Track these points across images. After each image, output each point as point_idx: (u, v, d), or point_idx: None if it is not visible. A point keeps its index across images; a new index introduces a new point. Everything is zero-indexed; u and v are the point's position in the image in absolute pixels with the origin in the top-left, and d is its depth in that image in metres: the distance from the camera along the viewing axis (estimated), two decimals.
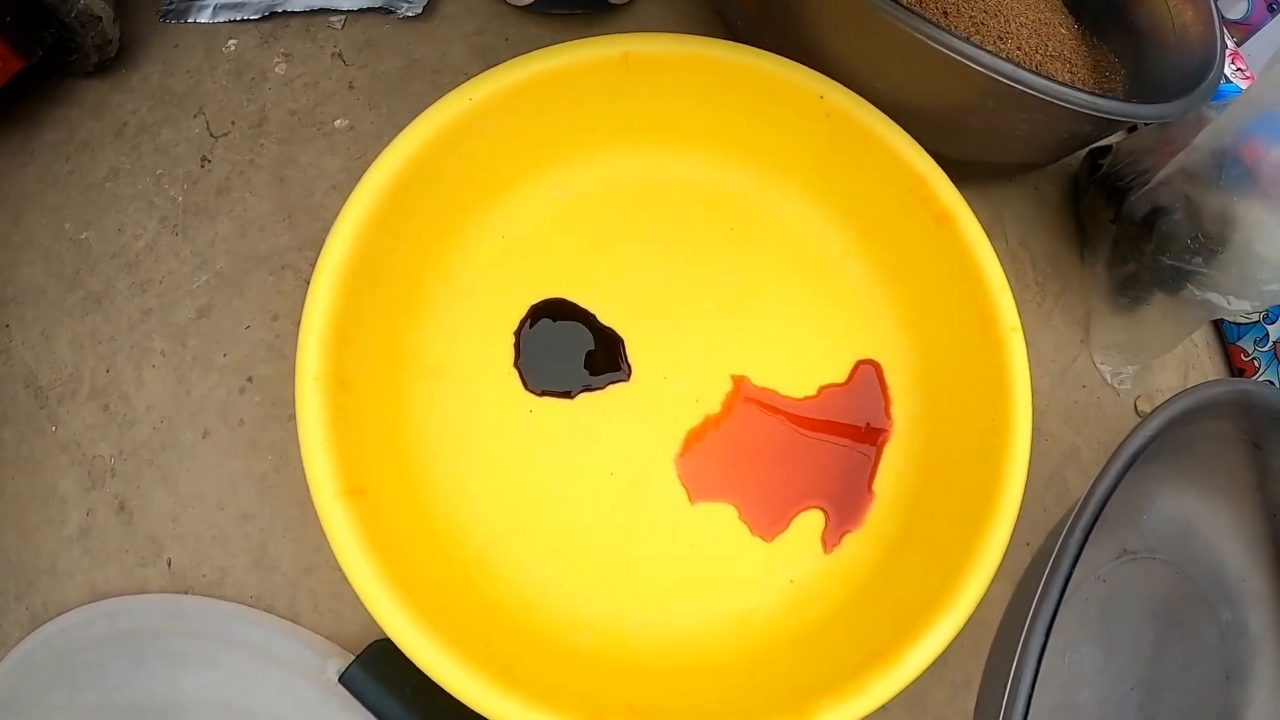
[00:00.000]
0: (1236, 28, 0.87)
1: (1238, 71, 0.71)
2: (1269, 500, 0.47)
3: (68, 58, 0.50)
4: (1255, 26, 0.86)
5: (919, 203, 0.43)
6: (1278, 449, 0.45)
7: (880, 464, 0.44)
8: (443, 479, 0.41)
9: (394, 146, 0.40)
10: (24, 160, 0.51)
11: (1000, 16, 0.52)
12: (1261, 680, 0.47)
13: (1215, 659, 0.47)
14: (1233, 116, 0.46)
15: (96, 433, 0.45)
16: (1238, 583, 0.48)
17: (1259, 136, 0.44)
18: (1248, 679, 0.47)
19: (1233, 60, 0.71)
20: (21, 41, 0.46)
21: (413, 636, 0.33)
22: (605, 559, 0.41)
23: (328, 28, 0.54)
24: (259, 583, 0.42)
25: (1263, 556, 0.48)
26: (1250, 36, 0.87)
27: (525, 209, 0.46)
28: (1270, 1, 0.85)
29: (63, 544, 0.43)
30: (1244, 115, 0.45)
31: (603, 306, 0.45)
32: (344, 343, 0.37)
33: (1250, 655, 0.48)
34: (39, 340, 0.47)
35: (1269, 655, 0.48)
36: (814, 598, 0.41)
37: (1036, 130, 0.46)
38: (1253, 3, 0.86)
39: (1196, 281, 0.48)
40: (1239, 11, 0.86)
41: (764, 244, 0.48)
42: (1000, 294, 0.41)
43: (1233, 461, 0.46)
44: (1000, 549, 0.37)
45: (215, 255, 0.48)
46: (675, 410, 0.44)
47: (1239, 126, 0.45)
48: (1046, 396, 0.53)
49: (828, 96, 0.44)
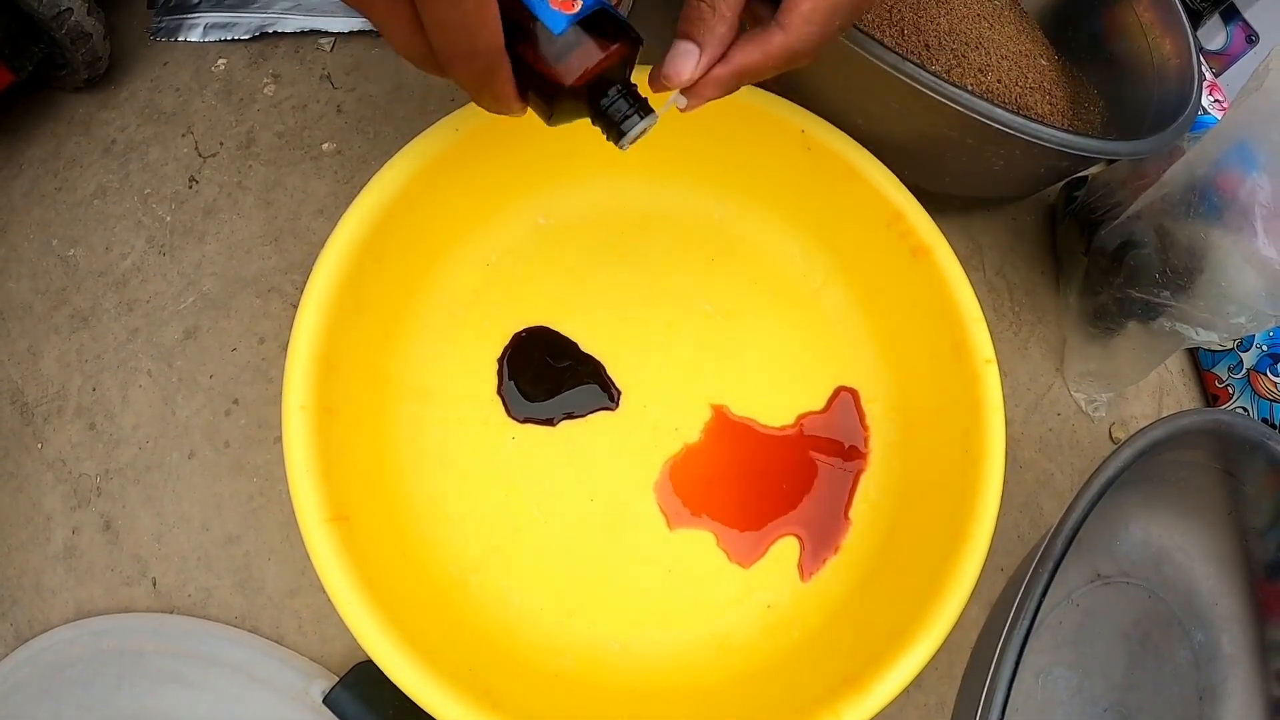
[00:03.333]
0: (1215, 58, 0.88)
1: (1215, 103, 0.72)
2: (1241, 525, 0.48)
3: (57, 72, 0.51)
4: (1234, 57, 0.87)
5: (897, 236, 0.44)
6: (1249, 476, 0.46)
7: (856, 492, 0.45)
8: (425, 504, 0.42)
9: (381, 176, 0.40)
10: (11, 174, 0.51)
11: (981, 50, 0.53)
12: (1235, 700, 0.48)
13: (1188, 680, 0.48)
14: (1206, 148, 0.47)
15: (82, 451, 0.45)
16: (1210, 605, 0.49)
17: (1233, 168, 0.45)
18: (1221, 699, 0.48)
19: (1210, 92, 0.72)
20: (11, 56, 0.47)
21: (396, 661, 0.34)
22: (585, 584, 0.42)
23: (316, 49, 0.54)
24: (244, 603, 0.42)
25: (1235, 579, 0.49)
26: (1228, 67, 0.88)
27: (509, 236, 0.47)
28: (1248, 33, 0.86)
29: (47, 561, 0.43)
30: (1217, 147, 0.46)
31: (585, 334, 0.46)
32: (330, 370, 0.37)
33: (1223, 676, 0.48)
34: (25, 356, 0.47)
35: (1241, 676, 0.48)
36: (790, 623, 0.42)
37: (1013, 165, 0.47)
38: (1231, 34, 0.87)
39: (1165, 314, 0.49)
40: (1218, 43, 0.87)
41: (744, 273, 0.49)
42: (975, 326, 0.43)
43: (1205, 488, 0.47)
44: (972, 580, 0.38)
45: (202, 277, 0.48)
46: (655, 438, 0.45)
47: (1213, 158, 0.46)
48: (1022, 424, 0.54)
49: (809, 130, 0.45)
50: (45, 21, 0.46)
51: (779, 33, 0.31)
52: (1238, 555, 0.49)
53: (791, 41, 0.31)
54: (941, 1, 0.56)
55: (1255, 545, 0.48)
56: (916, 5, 0.54)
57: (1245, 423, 0.44)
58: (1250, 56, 0.88)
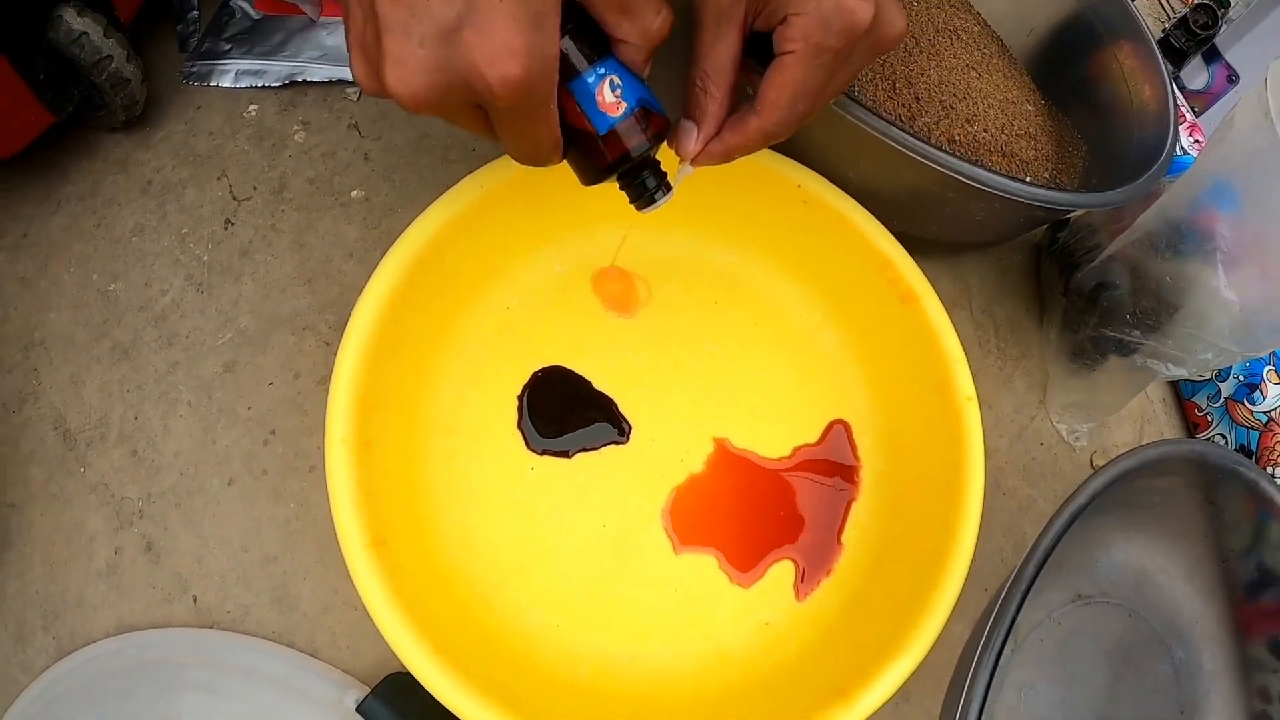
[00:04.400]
0: (1197, 98, 0.91)
1: (1195, 143, 0.74)
2: (1220, 547, 0.50)
3: (95, 113, 0.53)
4: (1216, 96, 0.90)
5: (887, 282, 0.48)
6: (1226, 501, 0.48)
7: (848, 518, 0.48)
8: (452, 530, 0.45)
9: (413, 228, 0.44)
10: (50, 209, 0.54)
11: (969, 100, 0.56)
12: (1216, 715, 0.50)
13: (1170, 696, 0.49)
14: (1176, 193, 0.49)
15: (125, 475, 0.47)
16: (1191, 624, 0.51)
17: (1200, 212, 0.47)
18: (1202, 714, 0.49)
19: (1191, 132, 0.74)
20: (53, 99, 0.49)
21: (430, 671, 0.37)
22: (598, 602, 0.45)
23: (343, 98, 0.57)
24: (280, 620, 0.45)
25: (1215, 599, 0.51)
26: (1210, 106, 0.90)
27: (528, 283, 0.50)
28: (1229, 73, 0.89)
29: (91, 578, 0.45)
30: (1187, 192, 0.48)
31: (598, 373, 0.49)
32: (367, 407, 0.41)
33: (1204, 692, 0.50)
34: (68, 384, 0.49)
35: (1223, 692, 0.50)
36: (786, 639, 0.45)
37: (993, 215, 0.51)
38: (1213, 74, 0.90)
39: (1135, 351, 0.52)
40: (1200, 82, 0.90)
41: (746, 316, 0.52)
42: (958, 367, 0.46)
43: (1184, 513, 0.49)
44: (952, 600, 0.41)
45: (239, 314, 0.51)
46: (662, 469, 0.48)
47: (1183, 202, 0.48)
48: (1006, 453, 0.57)
49: (805, 185, 0.48)
50: (86, 67, 0.49)
51: (754, 117, 0.36)
52: (1218, 576, 0.50)
53: (764, 125, 0.36)
54: (932, 54, 0.58)
55: (1235, 566, 0.50)
56: (907, 58, 0.57)
57: (1218, 451, 0.46)
58: (1231, 95, 0.90)
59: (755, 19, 0.35)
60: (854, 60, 0.35)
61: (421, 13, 0.28)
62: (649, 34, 0.33)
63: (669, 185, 0.37)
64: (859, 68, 0.36)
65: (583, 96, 0.33)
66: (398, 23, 0.28)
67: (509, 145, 0.33)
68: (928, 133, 0.54)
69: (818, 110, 0.37)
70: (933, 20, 0.61)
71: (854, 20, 0.33)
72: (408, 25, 0.28)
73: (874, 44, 0.35)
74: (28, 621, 0.45)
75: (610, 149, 0.34)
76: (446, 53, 0.28)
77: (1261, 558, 0.48)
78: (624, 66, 0.33)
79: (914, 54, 0.57)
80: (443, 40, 0.28)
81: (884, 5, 0.34)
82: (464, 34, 0.28)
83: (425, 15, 0.28)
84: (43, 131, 0.50)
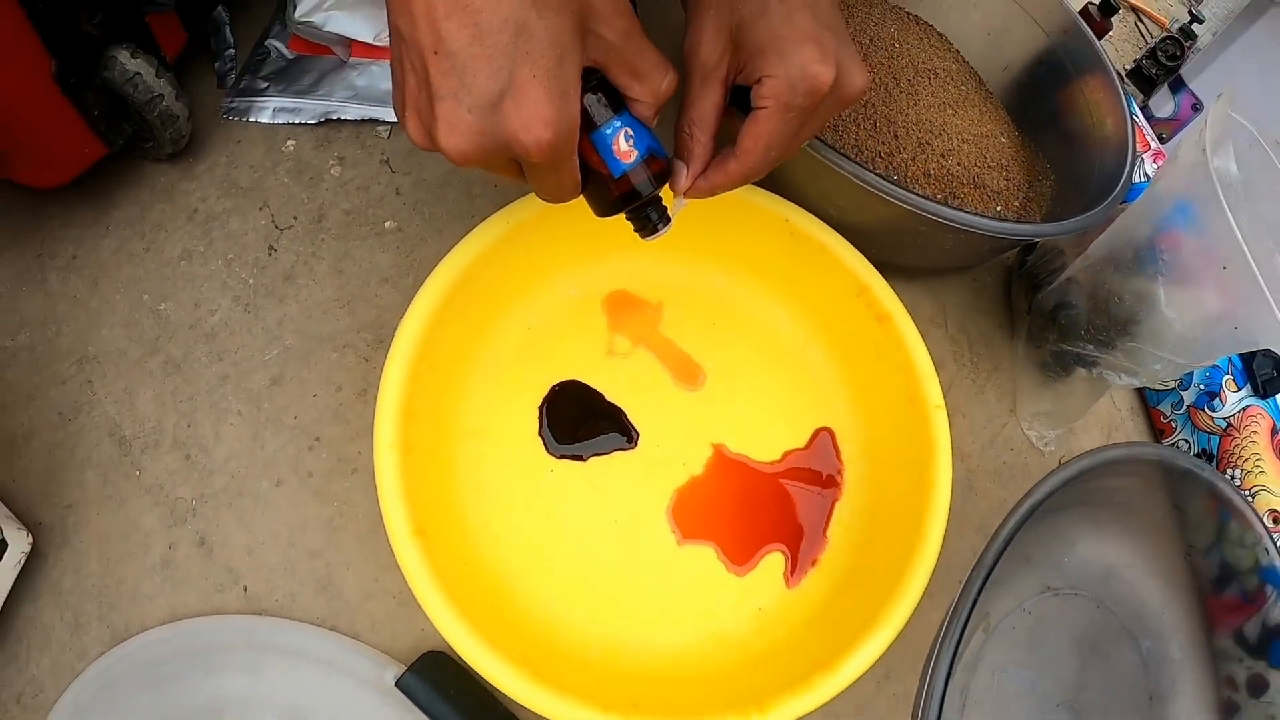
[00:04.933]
0: (1164, 125, 0.93)
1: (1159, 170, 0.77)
2: (1185, 543, 0.52)
3: (143, 145, 0.57)
4: (1182, 123, 0.93)
5: (864, 305, 0.53)
6: (1189, 501, 0.51)
7: (833, 515, 0.53)
8: (479, 524, 0.50)
9: (449, 259, 0.49)
10: (100, 233, 0.57)
11: (944, 135, 0.61)
12: (1183, 701, 0.52)
13: (1138, 683, 0.52)
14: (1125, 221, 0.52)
15: (178, 478, 0.51)
16: (1158, 615, 0.53)
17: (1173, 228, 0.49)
18: (1169, 700, 0.52)
19: (1155, 160, 0.76)
20: (107, 132, 0.52)
21: (470, 644, 0.41)
22: (609, 589, 0.50)
23: (375, 136, 0.62)
24: (325, 606, 0.49)
25: (1181, 590, 0.53)
26: (1177, 134, 0.92)
27: (545, 305, 0.55)
28: (1194, 101, 0.92)
29: (145, 572, 0.49)
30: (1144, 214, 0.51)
31: (609, 386, 0.54)
32: (408, 416, 0.46)
33: (1172, 680, 0.52)
34: (122, 396, 0.53)
35: (1190, 680, 0.52)
36: (777, 622, 0.50)
37: (960, 245, 0.56)
38: (1179, 102, 0.93)
39: (1090, 364, 0.56)
40: (1167, 110, 0.93)
41: (740, 335, 0.57)
42: (928, 379, 0.51)
43: (1149, 512, 0.52)
44: (922, 583, 0.46)
45: (284, 333, 0.55)
46: (666, 472, 0.53)
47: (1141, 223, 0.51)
48: (979, 458, 0.61)
49: (792, 219, 0.54)
50: (139, 105, 0.52)
51: (733, 161, 0.41)
52: (1183, 571, 0.53)
53: (742, 168, 0.41)
54: (910, 94, 0.63)
55: (1199, 562, 0.52)
56: (888, 98, 0.62)
57: (1175, 454, 0.49)
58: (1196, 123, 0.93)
59: (738, 75, 0.41)
60: (820, 113, 0.41)
61: (470, 85, 0.33)
62: (658, 94, 0.39)
63: (669, 218, 0.43)
64: (826, 118, 0.42)
65: (601, 145, 0.38)
66: (449, 92, 0.33)
67: (538, 188, 0.39)
68: (905, 168, 0.58)
69: (791, 154, 0.43)
70: (913, 61, 0.66)
71: (817, 84, 0.38)
72: (458, 95, 0.33)
73: (837, 100, 0.40)
74: (84, 612, 0.48)
75: (622, 188, 0.40)
76: (490, 120, 0.34)
77: (1224, 555, 0.51)
78: (636, 120, 0.39)
79: (894, 94, 0.62)
80: (487, 109, 0.33)
81: (845, 68, 0.39)
82: (504, 104, 0.33)
83: (473, 87, 0.33)
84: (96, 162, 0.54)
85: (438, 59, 0.33)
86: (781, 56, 0.38)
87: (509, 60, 0.32)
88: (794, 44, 0.38)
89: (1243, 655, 0.51)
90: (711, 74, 0.41)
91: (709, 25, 0.40)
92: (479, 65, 0.32)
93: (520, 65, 0.33)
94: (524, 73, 0.33)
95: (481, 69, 0.32)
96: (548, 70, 0.33)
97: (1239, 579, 0.51)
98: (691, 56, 0.41)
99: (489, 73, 0.33)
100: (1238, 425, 0.62)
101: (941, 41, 0.71)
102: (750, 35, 0.39)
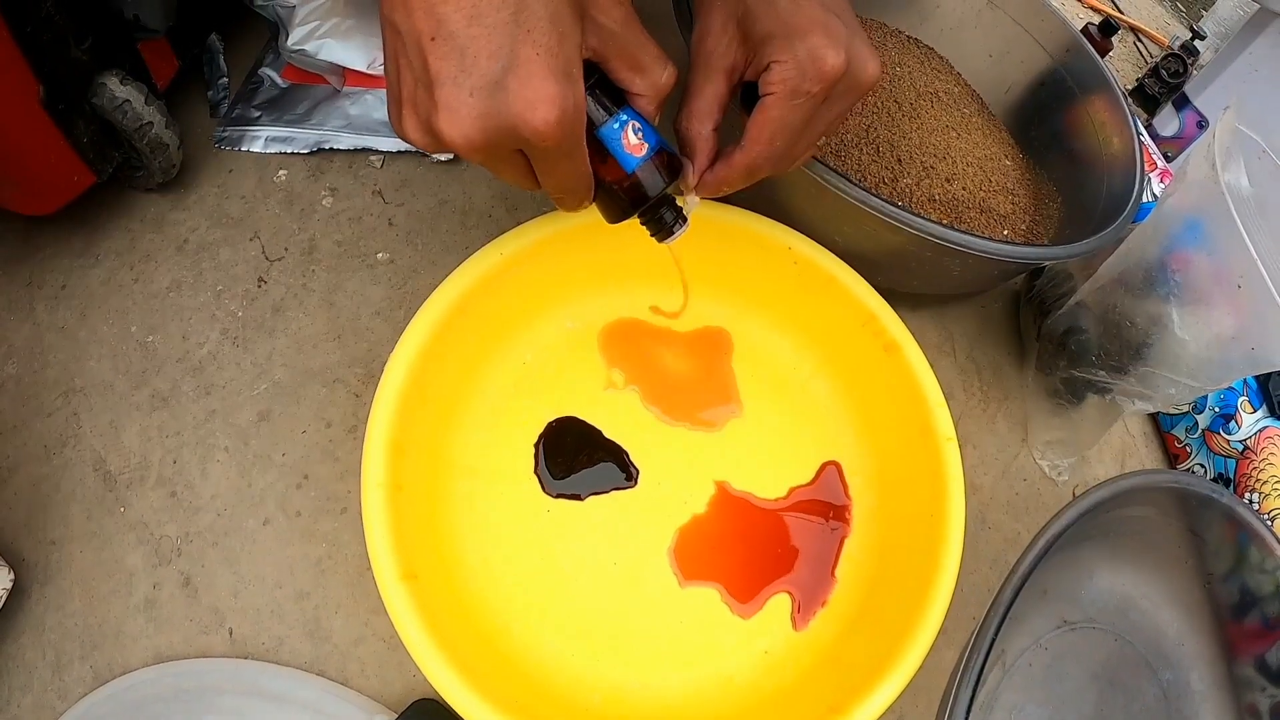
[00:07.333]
0: (1170, 143, 0.93)
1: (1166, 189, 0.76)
2: (1204, 572, 0.51)
3: (133, 174, 0.56)
4: (1187, 141, 0.93)
5: (871, 335, 0.52)
6: (1206, 528, 0.49)
7: (841, 553, 0.51)
8: (475, 565, 0.48)
9: (440, 290, 0.47)
10: (89, 263, 0.57)
11: (948, 160, 0.60)
12: None
13: (1158, 715, 0.51)
14: (1133, 244, 0.51)
15: (164, 515, 0.50)
16: (1176, 646, 0.52)
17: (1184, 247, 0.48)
18: None
19: (1162, 179, 0.76)
20: (96, 160, 0.52)
21: (460, 694, 0.40)
22: (609, 633, 0.48)
23: (368, 165, 0.61)
24: (313, 650, 0.47)
25: (1200, 621, 0.52)
26: (1182, 152, 0.92)
27: (542, 338, 0.54)
28: (1199, 119, 0.91)
29: (129, 612, 0.48)
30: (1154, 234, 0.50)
31: (607, 422, 0.53)
32: (398, 453, 0.44)
33: (1193, 711, 0.51)
34: (108, 429, 0.52)
35: (1211, 709, 0.51)
36: (785, 665, 0.48)
37: (968, 270, 0.54)
38: (1183, 120, 0.92)
39: (1102, 390, 0.55)
40: (1171, 129, 0.93)
41: (743, 366, 0.56)
42: (938, 410, 0.49)
43: (1166, 540, 0.51)
44: (936, 624, 0.44)
45: (273, 366, 0.54)
46: (668, 510, 0.51)
47: (1152, 244, 0.50)
48: (991, 490, 0.59)
49: (795, 247, 0.52)
50: (129, 133, 0.52)
51: (739, 152, 0.40)
52: (1202, 599, 0.52)
53: (748, 158, 0.40)
54: (913, 117, 0.62)
55: (1219, 589, 0.51)
56: (890, 122, 0.61)
57: (1193, 480, 0.48)
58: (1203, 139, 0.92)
59: (746, 69, 0.40)
60: (834, 103, 0.40)
61: (470, 67, 0.32)
62: (659, 87, 0.38)
63: (685, 218, 0.42)
64: (841, 109, 0.41)
65: (611, 141, 0.37)
66: (449, 76, 0.32)
67: (549, 184, 0.37)
68: (910, 193, 0.57)
69: (802, 149, 0.42)
70: (915, 85, 0.65)
71: (826, 69, 0.37)
72: (458, 78, 0.32)
73: (850, 88, 0.39)
74: (66, 651, 0.47)
75: (636, 185, 0.38)
76: (494, 101, 0.32)
77: (1244, 581, 0.50)
78: (639, 115, 0.38)
79: (897, 118, 0.61)
80: (490, 89, 0.32)
81: (856, 55, 0.38)
82: (508, 81, 0.32)
83: (474, 69, 0.32)
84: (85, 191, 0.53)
85: (435, 44, 0.32)
86: (789, 42, 0.37)
87: (510, 39, 0.32)
88: (802, 30, 0.37)
89: (1265, 684, 0.50)
90: (715, 64, 0.40)
91: (716, 15, 0.39)
92: (479, 45, 0.32)
93: (521, 43, 0.32)
94: (526, 51, 0.32)
95: (482, 48, 0.32)
96: (549, 49, 0.32)
97: (1260, 605, 0.50)
98: (698, 47, 0.40)
99: (490, 51, 0.32)
100: (1255, 448, 0.61)
101: (943, 64, 0.70)
102: (758, 23, 0.38)
